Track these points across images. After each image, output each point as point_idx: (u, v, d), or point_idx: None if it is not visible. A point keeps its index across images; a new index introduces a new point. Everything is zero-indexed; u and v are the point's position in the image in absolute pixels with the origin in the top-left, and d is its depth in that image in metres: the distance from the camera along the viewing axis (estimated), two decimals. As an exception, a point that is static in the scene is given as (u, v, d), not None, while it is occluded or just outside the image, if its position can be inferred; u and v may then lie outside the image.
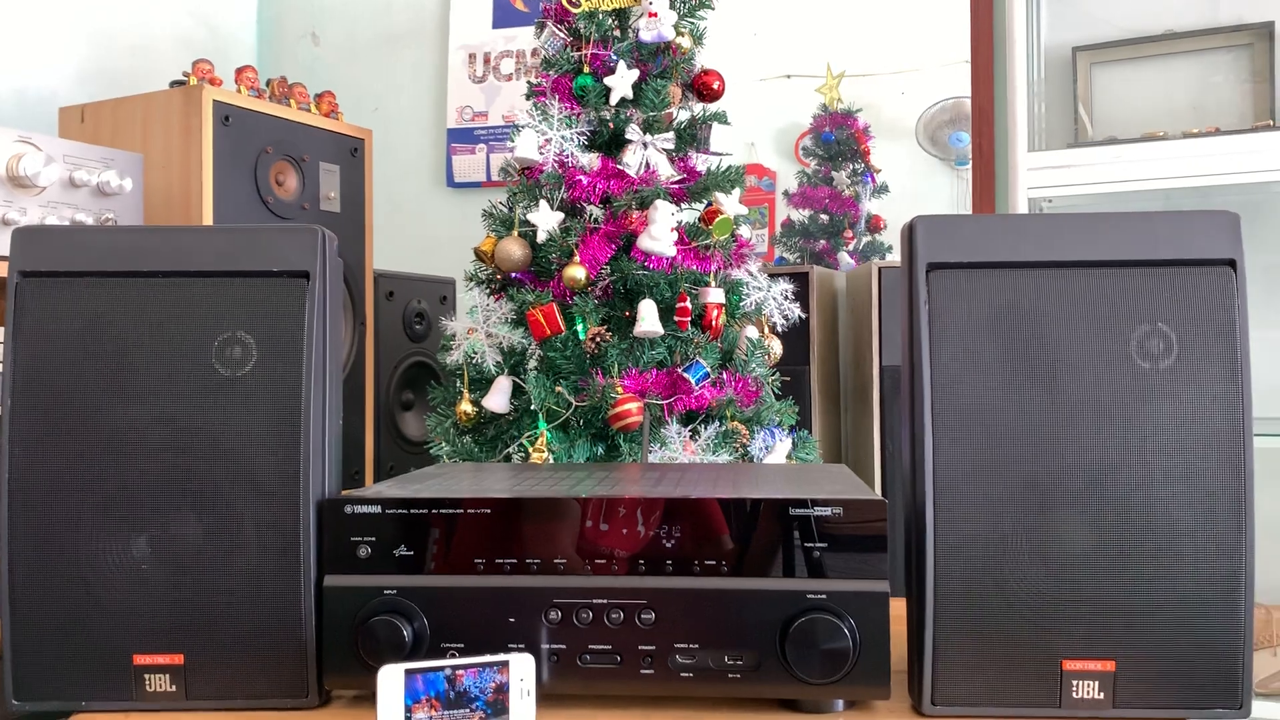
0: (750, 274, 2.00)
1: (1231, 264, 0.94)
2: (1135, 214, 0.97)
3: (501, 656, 0.91)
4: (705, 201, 1.98)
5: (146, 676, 0.97)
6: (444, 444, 1.95)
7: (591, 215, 1.90)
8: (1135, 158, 2.10)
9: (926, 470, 0.94)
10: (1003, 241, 0.97)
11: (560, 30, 2.00)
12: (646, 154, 1.92)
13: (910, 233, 0.98)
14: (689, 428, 1.87)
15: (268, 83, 2.35)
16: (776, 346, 2.06)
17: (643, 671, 0.94)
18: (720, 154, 2.02)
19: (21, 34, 2.55)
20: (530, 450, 1.81)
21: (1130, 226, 0.96)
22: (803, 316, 2.21)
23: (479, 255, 1.99)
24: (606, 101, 1.95)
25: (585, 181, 1.90)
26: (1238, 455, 0.92)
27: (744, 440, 1.86)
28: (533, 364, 1.94)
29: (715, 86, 2.03)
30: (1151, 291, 0.95)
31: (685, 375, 1.82)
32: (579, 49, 1.97)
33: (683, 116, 2.04)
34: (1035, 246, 0.97)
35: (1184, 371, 0.93)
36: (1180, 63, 2.37)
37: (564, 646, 0.94)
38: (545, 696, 0.94)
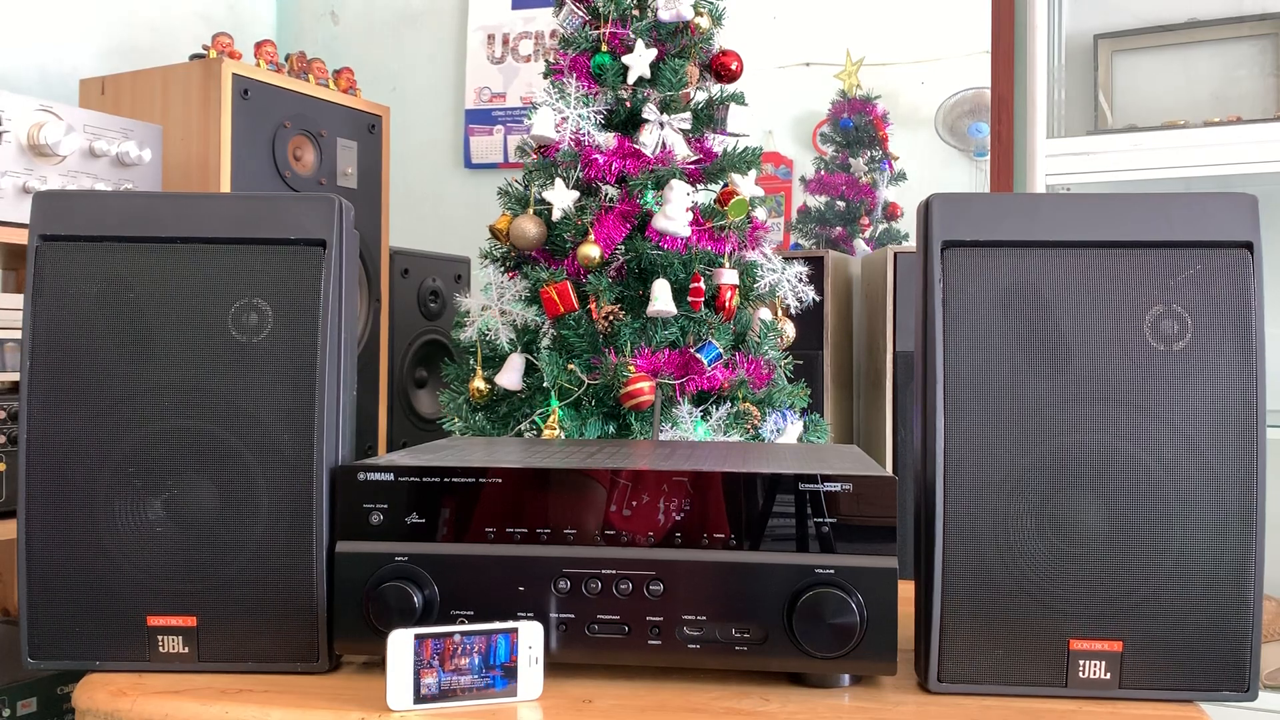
0: (765, 255, 1.99)
1: (1249, 246, 0.94)
2: (1151, 195, 0.96)
3: (511, 624, 0.92)
4: (721, 182, 1.98)
5: (159, 638, 0.99)
6: (457, 420, 1.95)
7: (607, 194, 1.90)
8: (1154, 145, 2.08)
9: (938, 446, 0.94)
10: (1018, 221, 0.97)
11: (579, 8, 1.99)
12: (663, 134, 1.91)
13: (926, 210, 0.98)
14: (700, 408, 1.87)
15: (286, 57, 2.35)
16: (790, 329, 2.06)
17: (650, 642, 0.94)
18: (737, 135, 2.02)
19: (44, 9, 2.55)
20: (542, 428, 1.81)
21: (1146, 207, 0.96)
22: (817, 300, 2.20)
23: (494, 233, 1.99)
24: (624, 80, 1.94)
25: (601, 160, 1.90)
26: (1250, 437, 0.92)
27: (755, 422, 1.86)
28: (546, 342, 1.94)
29: (734, 67, 2.02)
30: (1166, 273, 0.94)
31: (698, 356, 1.83)
32: (597, 27, 1.97)
33: (700, 97, 2.04)
34: (1051, 226, 0.96)
35: (1198, 354, 0.93)
36: (1203, 52, 2.35)
37: (572, 616, 0.95)
38: (553, 664, 0.95)
